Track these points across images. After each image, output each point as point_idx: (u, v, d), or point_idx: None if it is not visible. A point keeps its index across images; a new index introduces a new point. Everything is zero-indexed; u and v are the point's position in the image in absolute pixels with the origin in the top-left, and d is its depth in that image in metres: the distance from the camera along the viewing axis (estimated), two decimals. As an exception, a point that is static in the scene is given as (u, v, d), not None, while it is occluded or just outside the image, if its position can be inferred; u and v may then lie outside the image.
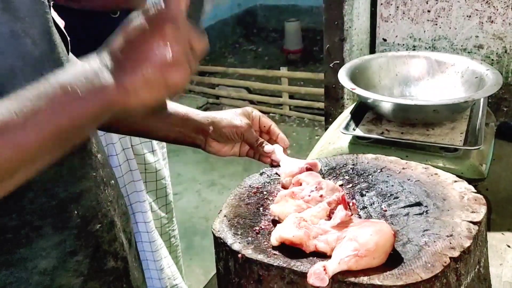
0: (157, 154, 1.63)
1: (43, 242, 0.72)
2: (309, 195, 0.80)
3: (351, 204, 0.78)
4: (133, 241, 0.96)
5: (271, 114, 4.69)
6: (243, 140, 1.00)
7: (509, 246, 1.07)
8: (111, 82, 0.59)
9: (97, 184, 0.79)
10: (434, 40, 1.67)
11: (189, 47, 0.63)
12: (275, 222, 0.77)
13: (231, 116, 1.00)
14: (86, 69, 0.60)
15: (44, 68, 0.69)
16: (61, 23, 0.82)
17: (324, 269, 0.63)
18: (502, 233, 1.11)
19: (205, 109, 5.44)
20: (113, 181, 0.87)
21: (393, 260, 0.66)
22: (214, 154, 1.03)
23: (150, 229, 1.59)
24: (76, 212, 0.75)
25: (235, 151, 1.04)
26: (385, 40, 1.75)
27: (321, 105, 3.98)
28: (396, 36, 1.73)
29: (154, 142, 1.64)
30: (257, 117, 1.04)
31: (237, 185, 0.90)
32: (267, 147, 0.99)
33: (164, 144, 1.74)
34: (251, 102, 4.90)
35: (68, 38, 0.83)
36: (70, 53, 0.84)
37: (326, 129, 1.49)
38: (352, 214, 0.75)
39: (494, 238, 1.08)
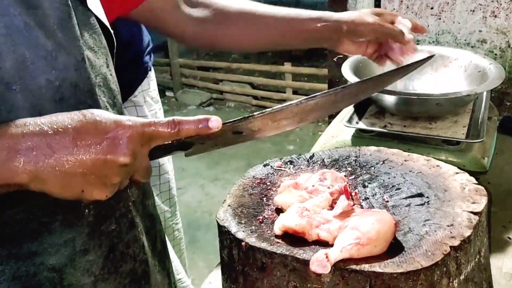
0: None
1: (52, 238, 0.70)
2: (313, 185, 0.81)
3: (353, 194, 0.79)
4: (159, 243, 0.93)
5: (274, 110, 4.68)
6: (377, 36, 1.12)
7: (510, 238, 1.07)
8: (21, 162, 0.56)
9: None
10: (438, 34, 1.68)
11: (127, 177, 0.63)
12: (278, 211, 0.78)
13: (362, 15, 1.12)
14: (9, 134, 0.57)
15: (57, 62, 0.68)
16: (105, 20, 0.80)
17: (326, 257, 0.64)
18: (503, 226, 1.12)
19: (209, 105, 5.45)
20: None
21: (394, 248, 0.67)
22: (344, 52, 1.17)
23: (154, 222, 1.61)
24: (88, 210, 0.73)
25: (362, 50, 1.16)
26: (388, 34, 1.75)
27: (324, 100, 3.97)
28: (400, 30, 1.73)
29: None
30: (385, 13, 1.16)
31: (241, 176, 0.91)
32: (408, 36, 1.13)
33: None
34: (255, 97, 4.90)
35: (113, 35, 0.82)
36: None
37: (329, 123, 1.50)
38: (354, 204, 0.76)
39: (495, 231, 1.09)
